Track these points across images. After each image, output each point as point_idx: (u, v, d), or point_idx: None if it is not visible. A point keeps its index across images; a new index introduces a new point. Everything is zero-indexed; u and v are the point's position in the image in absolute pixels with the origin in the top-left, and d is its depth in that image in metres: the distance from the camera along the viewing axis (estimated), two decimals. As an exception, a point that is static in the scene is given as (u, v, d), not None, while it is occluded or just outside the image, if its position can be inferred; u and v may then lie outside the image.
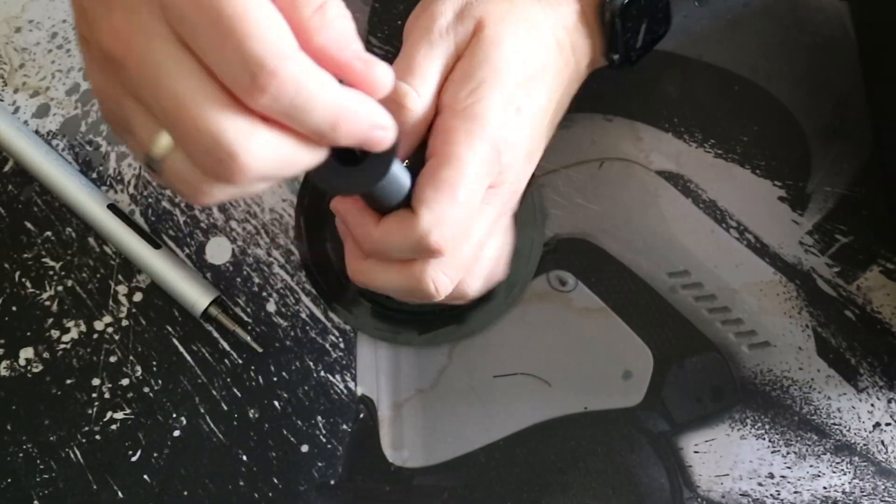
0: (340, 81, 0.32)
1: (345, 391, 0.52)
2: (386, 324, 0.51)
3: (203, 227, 0.53)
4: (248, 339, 0.51)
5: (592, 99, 0.54)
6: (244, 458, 0.51)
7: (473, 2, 0.44)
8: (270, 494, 0.50)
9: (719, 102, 0.54)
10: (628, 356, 0.51)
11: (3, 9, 0.56)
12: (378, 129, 0.34)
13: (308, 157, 0.33)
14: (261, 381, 0.52)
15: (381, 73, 0.33)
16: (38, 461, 0.51)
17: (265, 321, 0.52)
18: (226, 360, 0.52)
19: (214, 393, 0.52)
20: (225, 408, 0.51)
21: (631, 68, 0.48)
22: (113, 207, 0.52)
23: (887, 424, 0.50)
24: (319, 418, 0.51)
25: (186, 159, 0.32)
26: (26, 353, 0.53)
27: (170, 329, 0.52)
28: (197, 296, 0.51)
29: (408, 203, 0.41)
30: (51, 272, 0.53)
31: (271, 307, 0.52)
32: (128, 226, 0.52)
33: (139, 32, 0.30)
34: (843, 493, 0.50)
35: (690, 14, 0.55)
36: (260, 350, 0.51)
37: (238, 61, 0.29)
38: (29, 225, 0.54)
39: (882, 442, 0.50)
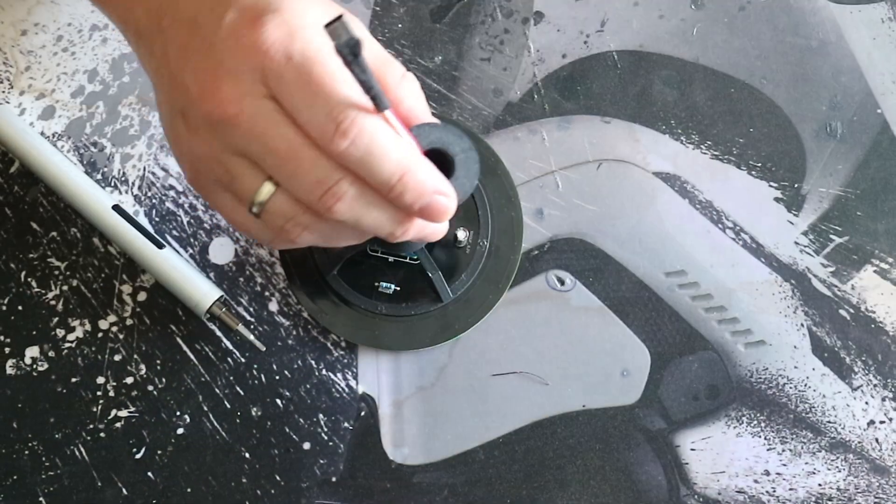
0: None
1: (346, 389, 0.52)
2: (363, 327, 0.52)
3: (206, 227, 0.54)
4: (252, 337, 0.52)
5: (590, 101, 0.55)
6: (247, 455, 0.51)
7: None
8: (273, 491, 0.51)
9: (715, 105, 0.54)
10: (626, 355, 0.52)
11: (10, 13, 0.56)
12: (440, 195, 0.38)
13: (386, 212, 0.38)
14: (263, 379, 0.52)
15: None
16: (44, 458, 0.52)
17: (267, 320, 0.53)
18: (229, 359, 0.52)
19: (217, 391, 0.52)
20: (228, 406, 0.52)
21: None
22: (118, 208, 0.53)
23: (881, 422, 0.51)
24: (321, 416, 0.52)
25: (288, 199, 0.37)
26: (32, 351, 0.53)
27: (173, 328, 0.53)
28: (200, 295, 0.52)
29: None
30: (56, 272, 0.54)
31: (273, 306, 0.53)
32: (132, 226, 0.52)
33: (249, 94, 0.36)
34: (838, 489, 0.50)
35: (687, 18, 0.56)
36: (263, 348, 0.52)
37: (325, 112, 0.35)
38: (34, 225, 0.54)
39: (876, 439, 0.51)
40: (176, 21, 0.39)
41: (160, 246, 0.52)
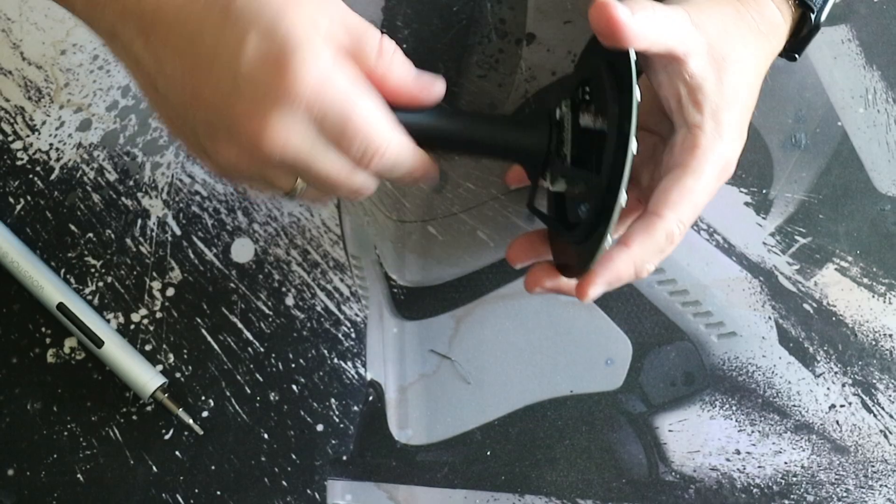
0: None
1: (356, 376, 0.56)
2: None
3: (229, 229, 0.57)
4: (190, 421, 0.54)
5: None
6: (266, 436, 0.55)
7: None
8: (289, 469, 0.55)
9: (692, 118, 0.57)
10: (610, 345, 0.55)
11: (50, 34, 0.59)
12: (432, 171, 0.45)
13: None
14: (280, 367, 0.56)
15: (439, 90, 0.44)
16: (81, 439, 0.55)
17: (284, 314, 0.56)
18: (249, 349, 0.56)
19: (239, 378, 0.56)
20: (248, 391, 0.55)
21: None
22: (62, 307, 0.55)
23: (841, 406, 0.54)
24: (333, 401, 0.55)
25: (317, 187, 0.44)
26: (70, 342, 0.56)
27: (199, 320, 0.56)
28: (143, 383, 0.54)
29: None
30: (92, 269, 0.57)
31: (290, 301, 0.56)
32: (73, 325, 0.55)
33: (300, 138, 0.40)
34: (802, 467, 0.54)
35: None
36: (201, 432, 0.54)
37: (360, 145, 0.41)
38: (73, 227, 0.57)
39: (837, 422, 0.54)
40: (165, 32, 0.41)
41: (99, 345, 0.54)
